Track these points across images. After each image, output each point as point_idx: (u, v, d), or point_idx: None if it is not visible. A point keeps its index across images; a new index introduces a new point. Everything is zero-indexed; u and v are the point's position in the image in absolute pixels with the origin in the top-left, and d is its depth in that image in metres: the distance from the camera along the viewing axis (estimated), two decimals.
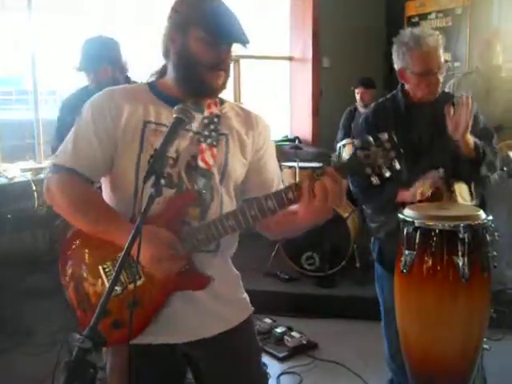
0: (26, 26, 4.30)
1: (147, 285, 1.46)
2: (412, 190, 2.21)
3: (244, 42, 1.48)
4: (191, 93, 1.50)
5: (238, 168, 1.57)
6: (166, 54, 1.53)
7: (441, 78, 2.31)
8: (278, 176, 1.69)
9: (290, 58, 5.93)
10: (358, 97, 5.03)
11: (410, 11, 5.80)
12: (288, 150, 4.65)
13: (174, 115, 1.37)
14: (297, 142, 5.36)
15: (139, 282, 1.47)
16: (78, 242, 1.55)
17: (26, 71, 4.55)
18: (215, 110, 1.57)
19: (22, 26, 4.33)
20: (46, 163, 4.42)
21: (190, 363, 1.66)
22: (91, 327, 1.10)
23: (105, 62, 2.93)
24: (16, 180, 3.81)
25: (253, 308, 1.70)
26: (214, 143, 1.53)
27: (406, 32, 2.33)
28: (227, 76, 1.52)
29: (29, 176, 3.88)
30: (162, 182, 1.26)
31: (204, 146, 1.52)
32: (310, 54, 5.67)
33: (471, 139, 2.21)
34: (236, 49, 1.52)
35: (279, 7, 5.90)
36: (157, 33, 1.58)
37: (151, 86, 1.58)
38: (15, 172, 3.97)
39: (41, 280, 3.63)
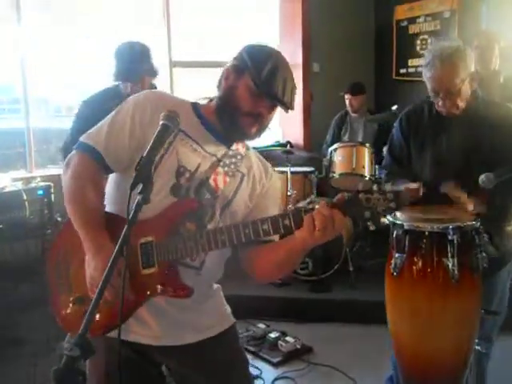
0: (16, 35, 4.29)
1: (128, 285, 1.46)
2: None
3: (286, 107, 1.54)
4: (224, 129, 1.57)
5: (242, 207, 1.61)
6: (218, 87, 1.60)
7: (457, 101, 2.20)
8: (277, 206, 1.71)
9: None
10: (347, 102, 5.06)
11: (399, 15, 5.83)
12: (279, 154, 4.66)
13: (161, 122, 1.38)
14: (288, 146, 5.37)
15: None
16: (62, 248, 1.61)
17: (17, 80, 4.54)
18: (241, 149, 1.65)
19: (12, 35, 4.33)
20: (37, 172, 4.41)
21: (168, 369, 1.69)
22: (80, 335, 1.11)
23: (145, 72, 2.96)
24: (7, 190, 3.79)
25: (234, 320, 1.71)
26: (230, 174, 1.59)
27: (438, 44, 2.24)
28: (262, 129, 1.58)
29: (20, 185, 3.86)
30: (151, 188, 1.27)
31: (220, 170, 1.58)
32: (300, 60, 5.69)
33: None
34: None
35: (269, 13, 5.93)
36: (149, 37, 1.60)
37: (194, 106, 1.64)
38: (6, 181, 3.96)
39: (33, 289, 3.61)
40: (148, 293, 1.51)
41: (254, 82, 1.50)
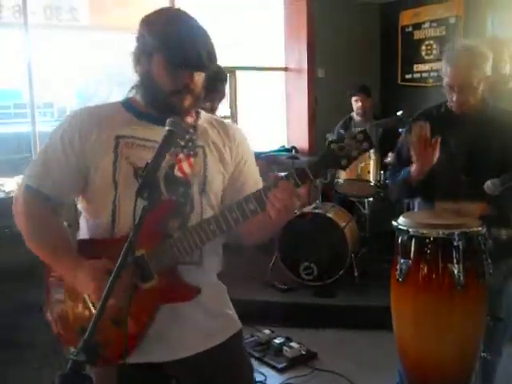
0: (22, 41, 4.32)
1: (133, 302, 1.40)
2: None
3: (205, 68, 1.48)
4: (158, 112, 1.51)
5: (217, 179, 1.57)
6: (136, 71, 1.54)
7: (470, 98, 2.25)
8: (258, 182, 1.66)
9: (286, 69, 5.96)
10: (356, 104, 5.03)
11: (404, 21, 5.84)
12: (285, 159, 4.66)
13: (166, 128, 1.37)
14: (293, 151, 5.38)
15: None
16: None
17: (24, 85, 4.57)
18: (190, 121, 1.58)
19: (19, 41, 4.36)
20: None
21: None
22: (85, 340, 1.11)
23: None
24: (13, 194, 3.80)
25: (240, 325, 1.68)
26: (191, 153, 1.54)
27: (458, 42, 2.35)
28: (195, 97, 1.51)
29: None
30: (156, 194, 1.27)
31: (181, 156, 1.53)
32: (305, 65, 5.70)
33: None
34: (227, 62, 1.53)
35: (274, 19, 5.95)
36: None
37: (124, 103, 1.59)
38: (12, 186, 3.97)
39: (38, 293, 3.62)
40: (155, 305, 1.48)
41: (165, 59, 1.44)
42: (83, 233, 1.60)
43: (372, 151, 4.54)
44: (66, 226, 1.59)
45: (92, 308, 1.48)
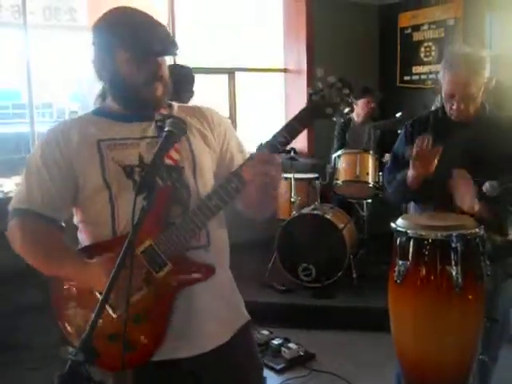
0: (21, 41, 4.32)
1: (150, 294, 1.46)
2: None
3: (170, 52, 1.51)
4: (134, 110, 1.53)
5: (206, 158, 1.59)
6: (101, 78, 1.55)
7: (470, 107, 2.24)
8: (245, 156, 1.66)
9: (285, 70, 5.97)
10: (366, 107, 4.96)
11: (403, 23, 5.86)
12: (284, 161, 4.66)
13: (166, 128, 1.39)
14: (292, 153, 5.38)
15: (142, 293, 1.46)
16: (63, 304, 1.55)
17: (22, 85, 4.57)
18: (165, 112, 1.59)
19: (18, 41, 4.36)
20: None
21: (194, 381, 1.63)
22: (84, 340, 1.11)
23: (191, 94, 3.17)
24: (12, 195, 3.80)
25: (249, 316, 1.70)
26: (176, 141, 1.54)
27: (456, 47, 2.29)
28: (165, 84, 1.53)
29: None
30: (155, 194, 1.28)
31: None
32: (304, 66, 5.71)
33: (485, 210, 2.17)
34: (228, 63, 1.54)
35: (273, 20, 5.95)
36: None
37: (94, 111, 1.60)
38: (10, 186, 3.97)
39: (37, 294, 3.61)
40: (172, 292, 1.48)
41: (128, 52, 1.45)
42: (81, 238, 1.60)
43: (371, 152, 4.55)
44: (62, 227, 1.58)
45: (112, 312, 1.46)
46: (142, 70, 1.47)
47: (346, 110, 1.40)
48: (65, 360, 1.09)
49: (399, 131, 2.50)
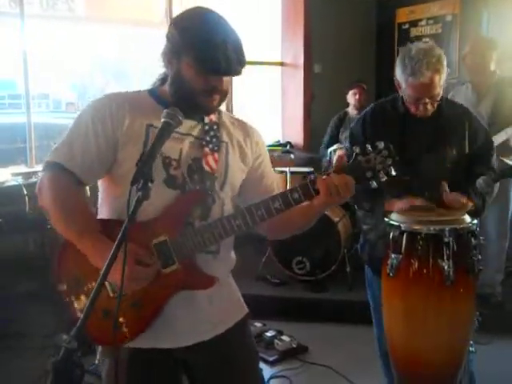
0: (18, 31, 4.31)
1: (153, 285, 1.47)
2: (403, 202, 2.23)
3: (234, 73, 1.49)
4: (185, 110, 1.51)
5: (238, 174, 1.63)
6: (168, 72, 1.56)
7: (435, 104, 2.26)
8: (277, 181, 1.76)
9: (282, 64, 5.96)
10: (353, 98, 5.01)
11: (401, 18, 5.86)
12: (280, 154, 4.68)
13: (162, 119, 1.40)
14: (288, 146, 5.39)
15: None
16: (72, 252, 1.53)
17: (19, 75, 4.56)
18: (214, 118, 1.62)
19: (15, 31, 4.35)
20: (38, 167, 4.43)
21: (186, 370, 1.67)
22: (78, 327, 1.13)
23: None
24: (7, 184, 3.81)
25: (247, 310, 1.72)
26: (216, 148, 1.58)
27: (413, 50, 2.23)
28: (223, 97, 1.55)
29: (20, 180, 3.88)
30: (150, 185, 1.29)
31: (207, 150, 1.57)
32: (301, 60, 5.71)
33: (468, 203, 2.22)
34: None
35: (271, 13, 5.95)
36: (150, 38, 1.60)
37: (151, 92, 1.61)
38: (6, 176, 3.98)
39: (32, 284, 3.63)
40: (172, 290, 1.51)
41: (194, 62, 1.45)
42: (102, 209, 1.61)
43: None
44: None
45: (110, 292, 1.49)
46: (202, 80, 1.48)
47: (384, 179, 1.45)
48: (59, 347, 1.11)
49: (355, 125, 2.48)
